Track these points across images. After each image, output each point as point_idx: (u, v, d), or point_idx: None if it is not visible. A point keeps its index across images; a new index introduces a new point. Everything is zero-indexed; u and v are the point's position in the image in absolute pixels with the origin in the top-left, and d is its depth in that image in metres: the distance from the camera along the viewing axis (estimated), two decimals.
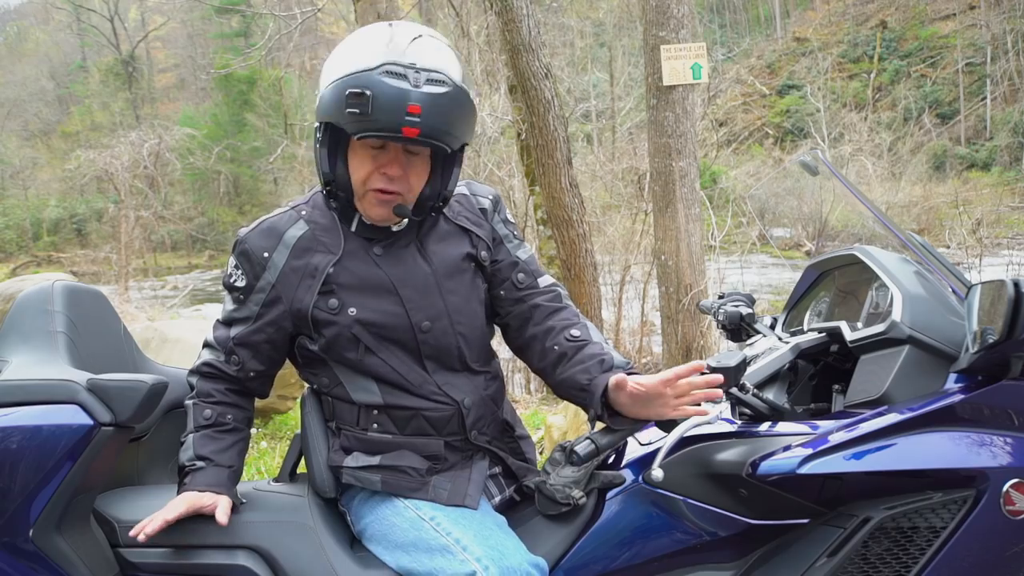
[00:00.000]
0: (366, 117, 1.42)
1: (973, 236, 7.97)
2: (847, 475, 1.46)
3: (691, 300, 5.85)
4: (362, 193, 1.55)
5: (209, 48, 39.67)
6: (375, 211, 1.57)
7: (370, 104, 1.41)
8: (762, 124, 29.05)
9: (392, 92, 1.42)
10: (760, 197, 4.56)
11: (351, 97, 1.42)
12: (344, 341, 1.57)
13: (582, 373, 1.56)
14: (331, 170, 1.55)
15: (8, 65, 45.09)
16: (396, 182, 1.53)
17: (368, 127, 1.44)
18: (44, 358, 1.61)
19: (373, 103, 1.41)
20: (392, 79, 1.42)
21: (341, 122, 1.46)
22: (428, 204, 1.59)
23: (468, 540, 1.46)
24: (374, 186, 1.53)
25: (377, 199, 1.55)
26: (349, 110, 1.43)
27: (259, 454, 4.62)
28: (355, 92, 1.42)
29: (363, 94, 1.41)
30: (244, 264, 1.60)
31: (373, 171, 1.53)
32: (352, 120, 1.44)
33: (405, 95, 1.42)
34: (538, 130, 5.99)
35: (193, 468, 1.58)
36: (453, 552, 1.45)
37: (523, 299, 1.69)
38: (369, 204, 1.56)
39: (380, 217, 1.58)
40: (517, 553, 1.46)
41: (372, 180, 1.53)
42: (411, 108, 1.41)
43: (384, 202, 1.55)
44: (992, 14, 31.62)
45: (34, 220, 32.38)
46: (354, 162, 1.54)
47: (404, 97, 1.42)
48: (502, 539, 1.49)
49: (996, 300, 1.40)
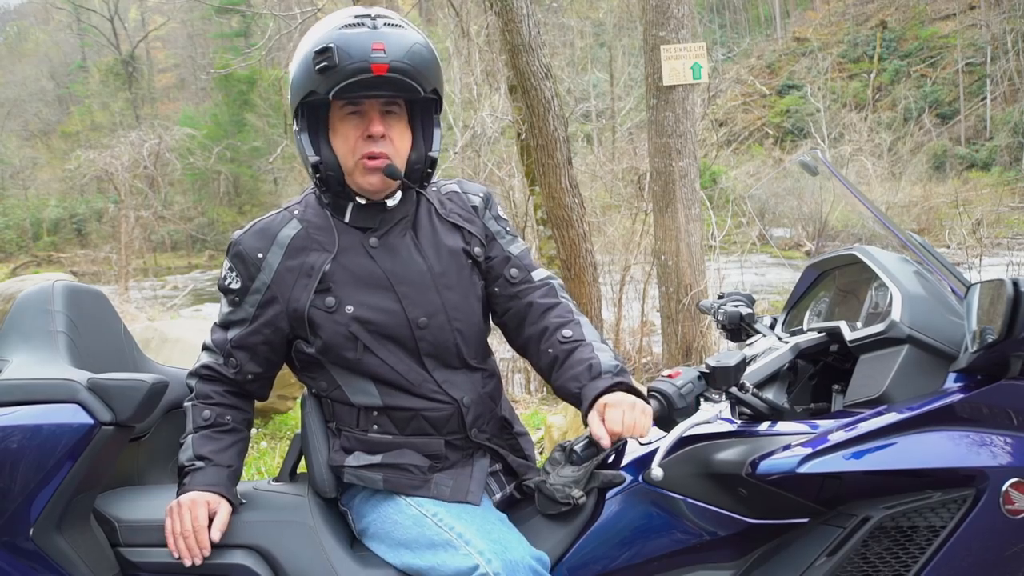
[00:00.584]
0: (334, 69, 1.45)
1: (973, 236, 7.97)
2: (847, 474, 1.46)
3: (691, 300, 5.85)
4: (352, 166, 1.56)
5: (209, 48, 39.68)
6: (368, 181, 1.57)
7: (335, 54, 1.45)
8: (762, 124, 29.04)
9: (354, 37, 1.46)
10: (760, 197, 4.58)
11: (316, 56, 1.46)
12: (342, 340, 1.57)
13: (572, 381, 1.57)
14: (317, 152, 1.56)
15: (8, 65, 45.09)
16: (381, 143, 1.55)
17: (339, 77, 1.46)
18: (44, 358, 1.61)
19: (338, 53, 1.45)
20: (352, 29, 1.47)
21: (313, 86, 1.49)
22: (417, 168, 1.61)
23: (471, 534, 1.47)
24: (361, 152, 1.55)
25: (366, 166, 1.55)
26: (317, 68, 1.46)
27: (259, 454, 4.62)
28: (319, 50, 1.46)
29: (327, 48, 1.46)
30: (238, 266, 1.60)
31: (357, 139, 1.55)
32: (323, 79, 1.47)
33: (367, 36, 1.46)
34: (538, 130, 5.99)
35: (192, 468, 1.58)
36: (456, 546, 1.46)
37: (518, 296, 1.68)
38: (360, 175, 1.57)
39: (374, 187, 1.58)
40: (520, 547, 1.47)
41: (358, 147, 1.55)
42: (374, 45, 1.46)
43: (374, 168, 1.56)
44: (992, 14, 31.61)
45: (34, 220, 32.38)
46: (337, 139, 1.57)
47: (366, 38, 1.46)
48: (505, 533, 1.50)
49: (995, 299, 1.40)
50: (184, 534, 1.52)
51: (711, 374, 1.55)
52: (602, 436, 1.44)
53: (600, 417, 1.46)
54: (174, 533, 1.53)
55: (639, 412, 1.45)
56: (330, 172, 1.57)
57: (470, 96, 9.79)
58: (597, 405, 1.49)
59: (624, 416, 1.43)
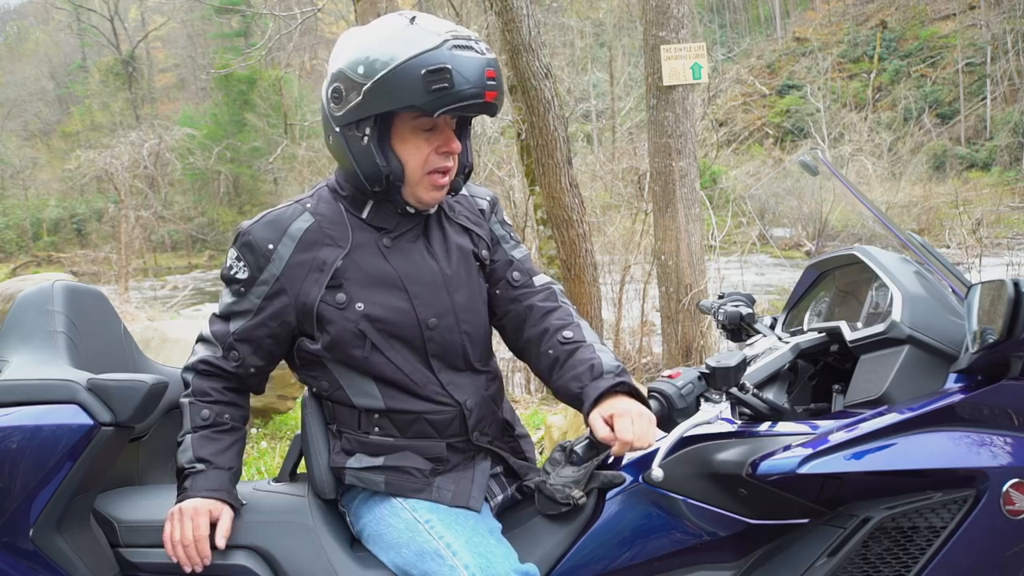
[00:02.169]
0: (450, 91, 1.44)
1: (973, 236, 7.97)
2: (847, 475, 1.46)
3: (691, 300, 5.85)
4: (418, 179, 1.56)
5: (209, 48, 39.68)
6: (432, 196, 1.58)
7: (452, 77, 1.43)
8: (762, 124, 29.05)
9: (471, 62, 1.45)
10: (760, 197, 4.57)
11: (430, 75, 1.43)
12: (350, 337, 1.56)
13: (573, 381, 1.56)
14: (386, 162, 1.54)
15: (8, 65, 45.11)
16: (451, 159, 1.57)
17: (453, 99, 1.45)
18: (44, 358, 1.61)
19: (455, 76, 1.43)
20: (464, 51, 1.46)
21: (418, 102, 1.45)
22: (458, 179, 1.63)
23: (459, 545, 1.47)
24: (434, 167, 1.55)
25: (434, 183, 1.57)
26: (434, 87, 1.43)
27: (259, 454, 4.62)
28: (433, 70, 1.43)
29: (443, 68, 1.43)
30: (247, 256, 1.58)
31: (430, 153, 1.55)
32: (436, 97, 1.44)
33: (480, 62, 1.46)
34: (538, 130, 5.99)
35: (193, 471, 1.56)
36: (443, 556, 1.46)
37: (518, 299, 1.69)
38: (426, 189, 1.57)
39: (435, 201, 1.60)
40: (506, 562, 1.47)
41: (431, 161, 1.55)
42: (488, 72, 1.46)
43: (443, 185, 1.58)
44: (992, 14, 31.60)
45: (34, 220, 32.39)
46: (406, 150, 1.54)
47: (481, 64, 1.46)
48: (492, 546, 1.49)
49: (996, 300, 1.40)
50: (184, 543, 1.51)
51: (711, 374, 1.55)
52: (610, 442, 1.44)
53: (607, 424, 1.46)
54: (174, 540, 1.52)
55: (646, 422, 1.45)
56: (397, 182, 1.55)
57: None
58: (602, 410, 1.48)
59: (634, 426, 1.43)
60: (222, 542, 1.53)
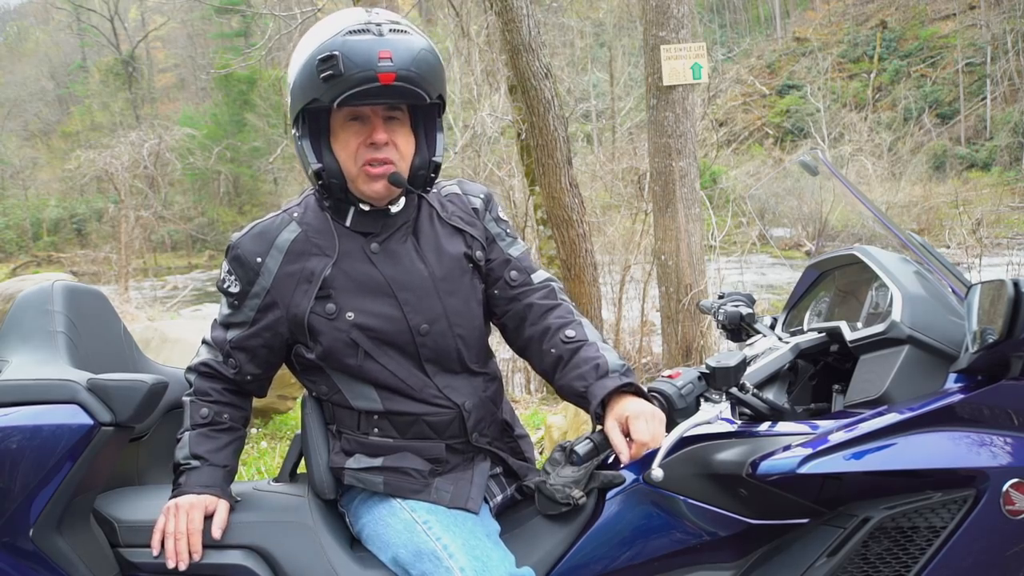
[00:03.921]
0: (340, 77, 1.41)
1: (973, 236, 7.96)
2: (847, 475, 1.46)
3: (691, 300, 5.85)
4: (355, 173, 1.54)
5: (209, 48, 39.70)
6: (371, 188, 1.55)
7: (341, 62, 1.41)
8: (762, 124, 29.04)
9: (360, 44, 1.42)
10: (760, 197, 4.57)
11: (320, 64, 1.42)
12: (342, 347, 1.56)
13: (578, 380, 1.55)
14: (319, 159, 1.54)
15: (8, 65, 45.11)
16: (384, 150, 1.52)
17: (344, 86, 1.42)
18: (44, 358, 1.61)
19: (344, 61, 1.41)
20: (357, 36, 1.43)
21: (316, 94, 1.45)
22: (420, 174, 1.58)
23: (456, 548, 1.47)
24: (364, 159, 1.52)
25: (369, 174, 1.53)
26: (322, 76, 1.42)
27: (259, 454, 4.62)
28: (323, 58, 1.42)
29: (332, 56, 1.42)
30: (237, 270, 1.59)
31: (359, 145, 1.52)
32: (328, 87, 1.43)
33: (373, 43, 1.42)
34: (538, 130, 5.99)
35: (188, 467, 1.58)
36: (440, 558, 1.46)
37: (517, 298, 1.67)
38: (363, 182, 1.54)
39: (377, 193, 1.55)
40: (502, 566, 1.46)
41: (360, 154, 1.53)
42: (381, 53, 1.42)
43: (377, 176, 1.53)
44: (992, 14, 31.60)
45: (34, 220, 32.40)
46: (338, 145, 1.54)
47: (372, 45, 1.42)
48: (489, 549, 1.49)
49: (996, 300, 1.40)
50: (177, 535, 1.52)
51: (711, 374, 1.55)
52: (623, 450, 1.43)
53: (621, 428, 1.45)
54: (166, 532, 1.53)
55: (658, 422, 1.45)
56: (333, 179, 1.54)
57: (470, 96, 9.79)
58: (616, 414, 1.47)
59: (648, 426, 1.43)
60: (218, 533, 1.54)
